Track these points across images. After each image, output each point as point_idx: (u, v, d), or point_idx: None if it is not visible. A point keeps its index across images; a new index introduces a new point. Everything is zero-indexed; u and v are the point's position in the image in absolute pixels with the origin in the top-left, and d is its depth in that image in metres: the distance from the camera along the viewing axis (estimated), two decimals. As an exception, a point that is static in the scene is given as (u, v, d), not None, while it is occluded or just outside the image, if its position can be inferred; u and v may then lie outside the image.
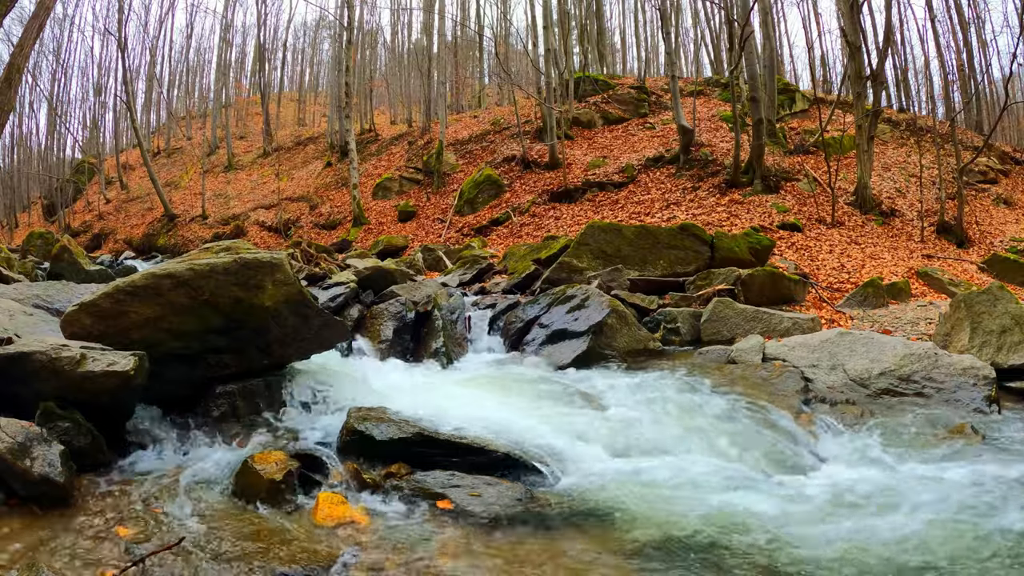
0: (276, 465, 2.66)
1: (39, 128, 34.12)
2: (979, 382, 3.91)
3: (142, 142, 23.37)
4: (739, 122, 11.95)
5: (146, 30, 35.57)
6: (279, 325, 3.54)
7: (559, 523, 2.53)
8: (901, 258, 9.65)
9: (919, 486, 2.77)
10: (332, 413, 3.50)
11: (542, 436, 3.20)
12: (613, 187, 13.62)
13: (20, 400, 2.67)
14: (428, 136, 20.55)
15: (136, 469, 2.81)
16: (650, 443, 3.29)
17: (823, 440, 3.47)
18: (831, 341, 4.60)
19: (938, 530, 2.37)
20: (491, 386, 4.29)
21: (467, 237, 13.61)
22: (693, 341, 5.50)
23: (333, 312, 5.10)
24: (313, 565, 2.14)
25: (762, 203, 11.36)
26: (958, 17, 19.61)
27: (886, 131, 15.97)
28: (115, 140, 32.57)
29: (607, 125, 17.61)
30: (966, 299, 4.67)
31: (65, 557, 2.09)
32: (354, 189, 16.54)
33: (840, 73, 22.68)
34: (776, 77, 16.30)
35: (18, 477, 2.33)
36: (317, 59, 44.05)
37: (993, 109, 19.90)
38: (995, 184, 14.70)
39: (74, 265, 9.21)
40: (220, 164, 27.20)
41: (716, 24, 22.43)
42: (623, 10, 40.86)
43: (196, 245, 17.23)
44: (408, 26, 32.88)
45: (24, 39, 9.40)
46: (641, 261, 7.43)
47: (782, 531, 2.42)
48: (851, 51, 11.55)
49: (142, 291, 3.16)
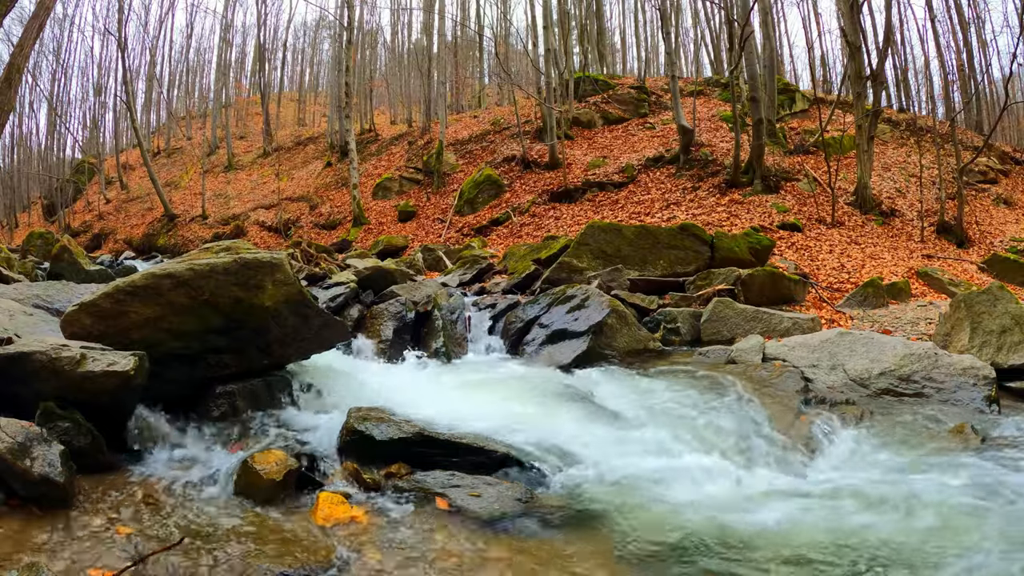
0: (276, 465, 2.66)
1: (39, 128, 34.16)
2: (979, 382, 3.91)
3: (142, 142, 23.37)
4: (739, 122, 11.95)
5: (146, 30, 35.63)
6: (279, 325, 3.54)
7: (559, 523, 2.53)
8: (901, 258, 9.65)
9: (919, 486, 2.77)
10: (332, 413, 3.50)
11: (542, 436, 3.20)
12: (613, 187, 13.62)
13: (20, 400, 2.67)
14: (428, 136, 20.54)
15: (136, 469, 2.81)
16: (650, 443, 3.29)
17: (823, 440, 3.47)
18: (831, 341, 4.60)
19: (937, 530, 2.37)
20: (491, 386, 4.30)
21: (467, 237, 13.61)
22: (693, 341, 5.50)
23: (333, 312, 5.09)
24: (313, 565, 2.14)
25: (762, 203, 11.36)
26: (958, 17, 19.62)
27: (886, 131, 15.97)
28: (115, 140, 32.57)
29: (607, 125, 17.61)
30: (966, 299, 4.67)
31: (65, 557, 2.09)
32: (354, 189, 16.54)
33: (840, 73, 22.70)
34: (776, 77, 16.30)
35: (18, 477, 2.32)
36: (317, 59, 44.11)
37: (993, 109, 19.90)
38: (995, 184, 14.70)
39: (74, 265, 9.20)
40: (220, 164, 27.19)
41: (716, 24, 22.47)
42: (623, 10, 40.93)
43: (196, 245, 17.23)
44: (408, 26, 32.95)
45: (24, 39, 9.40)
46: (641, 261, 7.43)
47: (781, 531, 2.42)
48: (851, 51, 11.55)
49: (142, 291, 3.16)
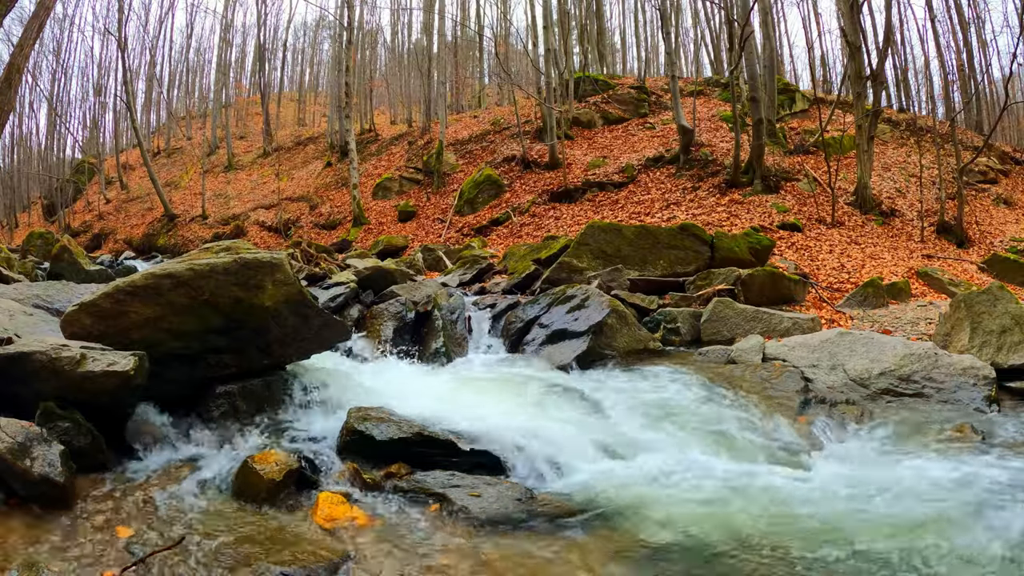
0: (276, 465, 2.66)
1: (39, 128, 34.10)
2: (979, 382, 3.91)
3: (142, 142, 23.36)
4: (739, 122, 11.95)
5: (146, 30, 35.58)
6: (279, 325, 3.54)
7: (559, 523, 2.53)
8: (901, 258, 9.65)
9: (918, 486, 2.77)
10: (332, 413, 3.50)
11: (543, 436, 3.20)
12: (613, 187, 13.61)
13: (20, 400, 2.67)
14: (428, 136, 20.54)
15: (136, 469, 2.81)
16: (650, 442, 3.30)
17: (823, 440, 3.47)
18: (831, 341, 4.60)
19: (936, 529, 2.37)
20: (491, 386, 4.29)
21: (467, 237, 13.60)
22: (693, 341, 5.50)
23: (333, 312, 5.10)
24: (313, 565, 2.14)
25: (762, 203, 11.36)
26: (958, 17, 19.61)
27: (886, 131, 15.97)
28: (115, 140, 32.53)
29: (607, 125, 17.61)
30: (966, 299, 4.67)
31: (65, 557, 2.10)
32: (354, 189, 16.54)
33: (840, 73, 22.68)
34: (776, 77, 16.29)
35: (18, 477, 2.32)
36: (317, 59, 44.08)
37: (993, 109, 19.89)
38: (995, 184, 14.69)
39: (74, 265, 9.20)
40: (220, 164, 27.19)
41: (716, 24, 22.44)
42: (623, 10, 40.86)
43: (196, 245, 17.23)
44: (408, 26, 32.92)
45: (24, 39, 9.40)
46: (641, 261, 7.43)
47: (780, 530, 2.42)
48: (851, 51, 11.54)
49: (142, 291, 3.16)
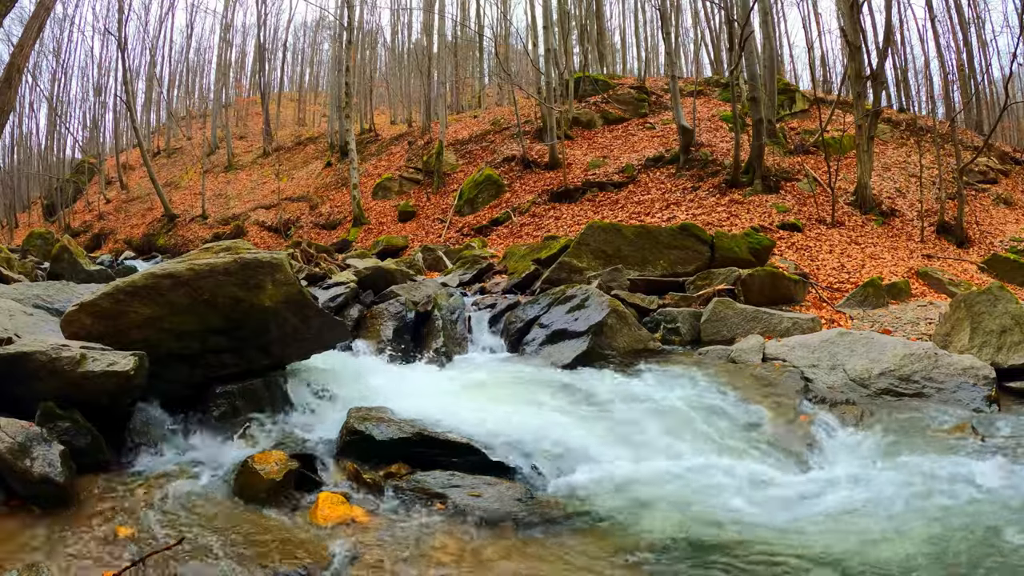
0: (276, 465, 2.66)
1: (39, 128, 34.09)
2: (979, 382, 3.91)
3: (142, 142, 23.37)
4: (739, 122, 11.95)
5: (146, 30, 35.52)
6: (279, 325, 3.53)
7: (560, 523, 2.53)
8: (901, 258, 9.64)
9: (918, 486, 2.77)
10: (332, 413, 3.50)
11: (543, 436, 3.20)
12: (613, 187, 13.61)
13: (20, 400, 2.67)
14: (428, 136, 20.53)
15: (136, 469, 2.81)
16: (650, 443, 3.29)
17: (822, 440, 3.47)
18: (831, 341, 4.60)
19: (935, 529, 2.37)
20: (491, 386, 4.29)
21: (467, 237, 13.60)
22: (693, 341, 5.50)
23: (333, 312, 5.09)
24: (313, 565, 2.14)
25: (762, 203, 11.36)
26: (958, 17, 19.59)
27: (886, 131, 15.96)
28: (115, 140, 32.49)
29: (607, 125, 17.60)
30: (966, 299, 4.67)
31: (65, 557, 2.09)
32: (354, 189, 16.54)
33: (840, 73, 22.69)
34: (776, 77, 16.28)
35: (18, 477, 2.32)
36: (317, 59, 44.06)
37: (993, 109, 19.88)
38: (995, 184, 14.68)
39: (74, 265, 9.18)
40: (220, 164, 27.17)
41: (716, 24, 22.42)
42: (623, 10, 40.66)
43: (196, 245, 17.22)
44: (408, 26, 32.92)
45: (24, 39, 9.40)
46: (641, 261, 7.43)
47: (779, 529, 2.42)
48: (851, 51, 11.53)
49: (142, 291, 3.16)
